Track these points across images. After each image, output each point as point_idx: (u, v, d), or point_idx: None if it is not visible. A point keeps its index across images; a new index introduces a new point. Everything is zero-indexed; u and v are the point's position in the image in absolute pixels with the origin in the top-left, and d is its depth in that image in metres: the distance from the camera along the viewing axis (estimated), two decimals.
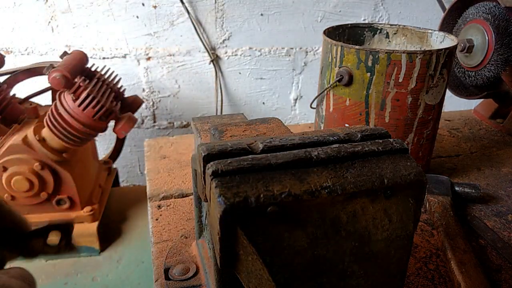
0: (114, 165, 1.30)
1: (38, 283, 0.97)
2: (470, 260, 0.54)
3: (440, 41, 0.76)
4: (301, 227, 0.29)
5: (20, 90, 1.08)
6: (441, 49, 0.65)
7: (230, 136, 0.42)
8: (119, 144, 1.30)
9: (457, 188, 0.70)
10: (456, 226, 0.60)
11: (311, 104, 0.78)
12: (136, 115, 1.02)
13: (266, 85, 1.56)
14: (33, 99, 1.10)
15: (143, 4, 1.35)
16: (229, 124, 0.44)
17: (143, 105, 1.48)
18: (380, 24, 0.82)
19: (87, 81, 0.91)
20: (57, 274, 0.97)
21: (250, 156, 0.31)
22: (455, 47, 0.69)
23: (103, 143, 1.54)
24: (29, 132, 0.92)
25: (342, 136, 0.34)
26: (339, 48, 0.68)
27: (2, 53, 1.02)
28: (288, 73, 1.55)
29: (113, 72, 1.03)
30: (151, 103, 1.52)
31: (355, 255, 0.31)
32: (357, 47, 0.66)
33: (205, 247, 0.53)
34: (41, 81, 1.10)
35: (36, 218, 0.98)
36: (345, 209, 0.30)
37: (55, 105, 0.92)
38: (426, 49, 0.74)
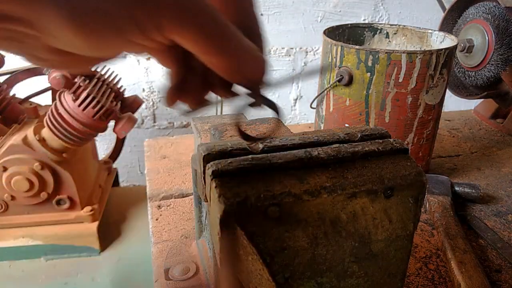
0: (114, 165, 1.30)
1: (38, 283, 0.97)
2: (470, 260, 0.54)
3: (440, 41, 0.76)
4: (301, 227, 0.29)
5: (20, 90, 1.08)
6: (441, 49, 0.65)
7: (230, 136, 0.42)
8: (119, 144, 1.30)
9: (457, 188, 0.70)
10: (456, 226, 0.60)
11: (311, 104, 0.78)
12: (136, 115, 1.02)
13: None
14: (33, 99, 1.10)
15: None
16: (229, 124, 0.44)
17: (143, 105, 1.48)
18: (380, 24, 0.82)
19: (87, 81, 0.91)
20: (57, 274, 0.97)
21: (250, 156, 0.31)
22: (455, 47, 0.69)
23: (103, 143, 1.54)
24: (29, 132, 0.92)
25: (342, 136, 0.35)
26: (339, 48, 0.68)
27: (2, 53, 1.02)
28: (288, 73, 1.55)
29: (113, 72, 1.03)
30: (151, 103, 1.52)
31: (355, 255, 0.31)
32: (357, 47, 0.66)
33: (205, 247, 0.53)
34: (41, 81, 1.10)
35: (36, 218, 0.99)
36: (345, 209, 0.30)
37: (55, 105, 0.92)
38: (426, 49, 0.74)
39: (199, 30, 0.23)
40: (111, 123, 0.98)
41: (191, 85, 0.29)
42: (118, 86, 1.03)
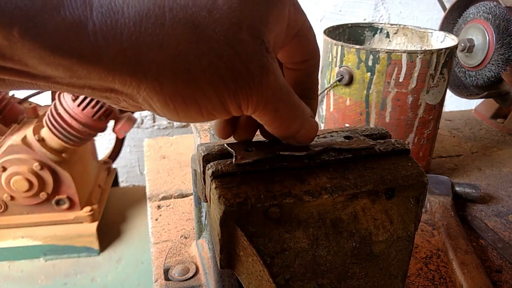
0: (114, 165, 1.29)
1: (37, 284, 0.97)
2: (472, 261, 0.53)
3: (441, 40, 0.76)
4: (301, 228, 0.29)
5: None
6: (442, 49, 0.65)
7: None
8: (119, 144, 1.29)
9: (457, 188, 0.70)
10: (457, 227, 0.60)
11: None
12: (136, 115, 1.02)
13: None
14: (32, 99, 1.10)
15: None
16: None
17: None
18: (380, 23, 0.82)
19: None
20: (57, 274, 0.97)
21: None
22: (455, 46, 0.69)
23: (103, 143, 1.54)
24: (28, 132, 0.92)
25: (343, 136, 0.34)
26: (339, 48, 0.68)
27: None
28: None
29: None
30: None
31: (356, 256, 0.31)
32: (357, 46, 0.66)
33: (205, 247, 0.53)
34: None
35: (35, 219, 0.98)
36: (346, 210, 0.30)
37: (55, 105, 0.92)
38: (427, 48, 0.74)
39: (274, 114, 0.26)
40: (111, 123, 0.98)
41: (242, 121, 0.31)
42: None
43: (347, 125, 0.71)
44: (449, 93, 0.81)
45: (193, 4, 0.22)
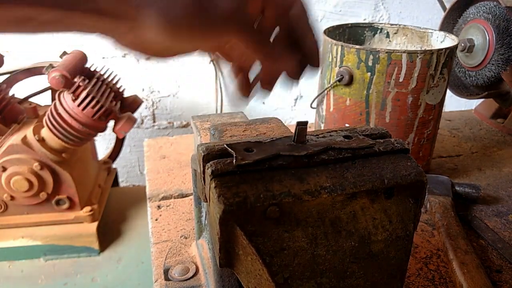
0: (114, 165, 1.29)
1: (37, 283, 0.97)
2: (472, 261, 0.53)
3: (441, 40, 0.76)
4: (300, 227, 0.29)
5: (20, 90, 1.08)
6: (442, 49, 0.65)
7: (230, 136, 0.42)
8: (119, 144, 1.30)
9: (457, 188, 0.70)
10: (457, 227, 0.60)
11: (311, 104, 0.78)
12: (136, 115, 1.02)
13: None
14: (32, 99, 1.10)
15: None
16: (229, 124, 0.44)
17: (143, 105, 1.48)
18: (380, 23, 0.82)
19: (87, 81, 0.91)
20: (57, 274, 0.97)
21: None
22: (455, 46, 0.69)
23: (103, 143, 1.54)
24: (28, 132, 0.92)
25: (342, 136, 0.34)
26: (339, 48, 0.68)
27: (2, 53, 1.02)
28: None
29: (112, 72, 1.03)
30: (150, 103, 1.52)
31: (355, 256, 0.31)
32: (357, 46, 0.66)
33: (205, 247, 0.53)
34: (41, 81, 1.10)
35: (35, 219, 0.98)
36: (345, 209, 0.30)
37: (55, 105, 0.92)
38: (427, 48, 0.74)
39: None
40: (111, 123, 0.98)
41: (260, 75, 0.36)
42: (118, 85, 1.03)
43: (347, 125, 0.71)
44: (449, 93, 0.81)
45: None
